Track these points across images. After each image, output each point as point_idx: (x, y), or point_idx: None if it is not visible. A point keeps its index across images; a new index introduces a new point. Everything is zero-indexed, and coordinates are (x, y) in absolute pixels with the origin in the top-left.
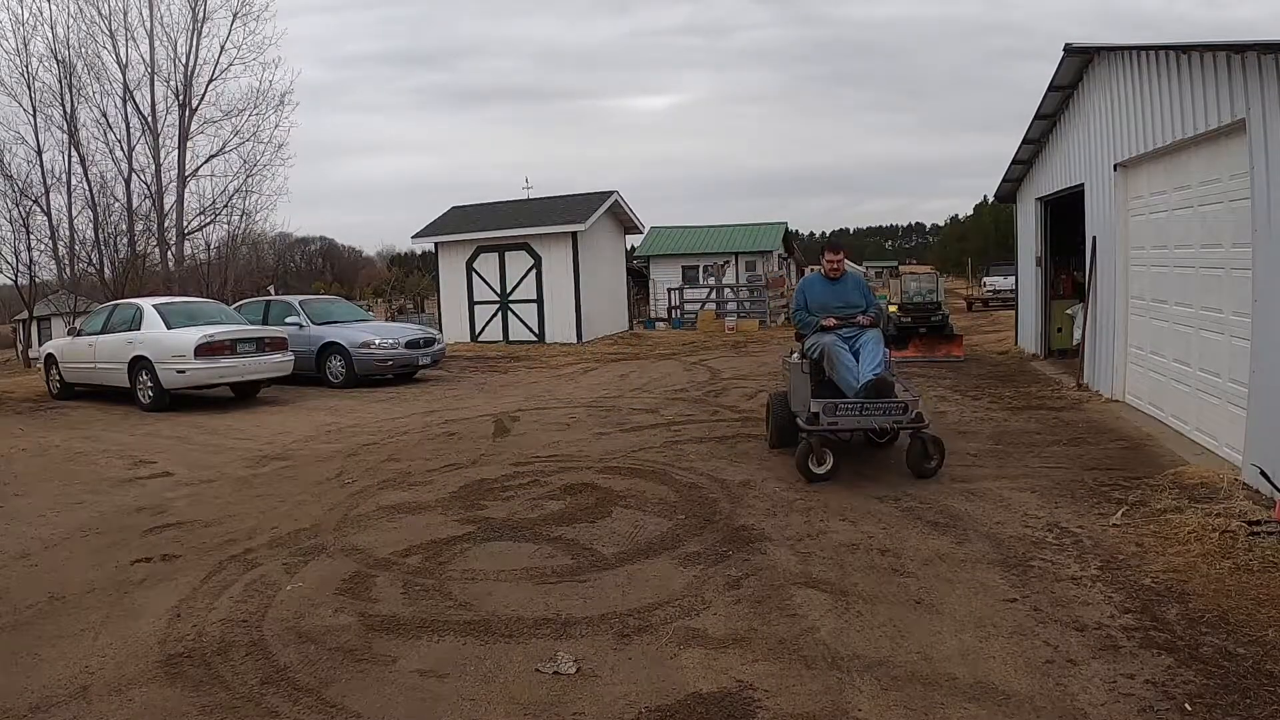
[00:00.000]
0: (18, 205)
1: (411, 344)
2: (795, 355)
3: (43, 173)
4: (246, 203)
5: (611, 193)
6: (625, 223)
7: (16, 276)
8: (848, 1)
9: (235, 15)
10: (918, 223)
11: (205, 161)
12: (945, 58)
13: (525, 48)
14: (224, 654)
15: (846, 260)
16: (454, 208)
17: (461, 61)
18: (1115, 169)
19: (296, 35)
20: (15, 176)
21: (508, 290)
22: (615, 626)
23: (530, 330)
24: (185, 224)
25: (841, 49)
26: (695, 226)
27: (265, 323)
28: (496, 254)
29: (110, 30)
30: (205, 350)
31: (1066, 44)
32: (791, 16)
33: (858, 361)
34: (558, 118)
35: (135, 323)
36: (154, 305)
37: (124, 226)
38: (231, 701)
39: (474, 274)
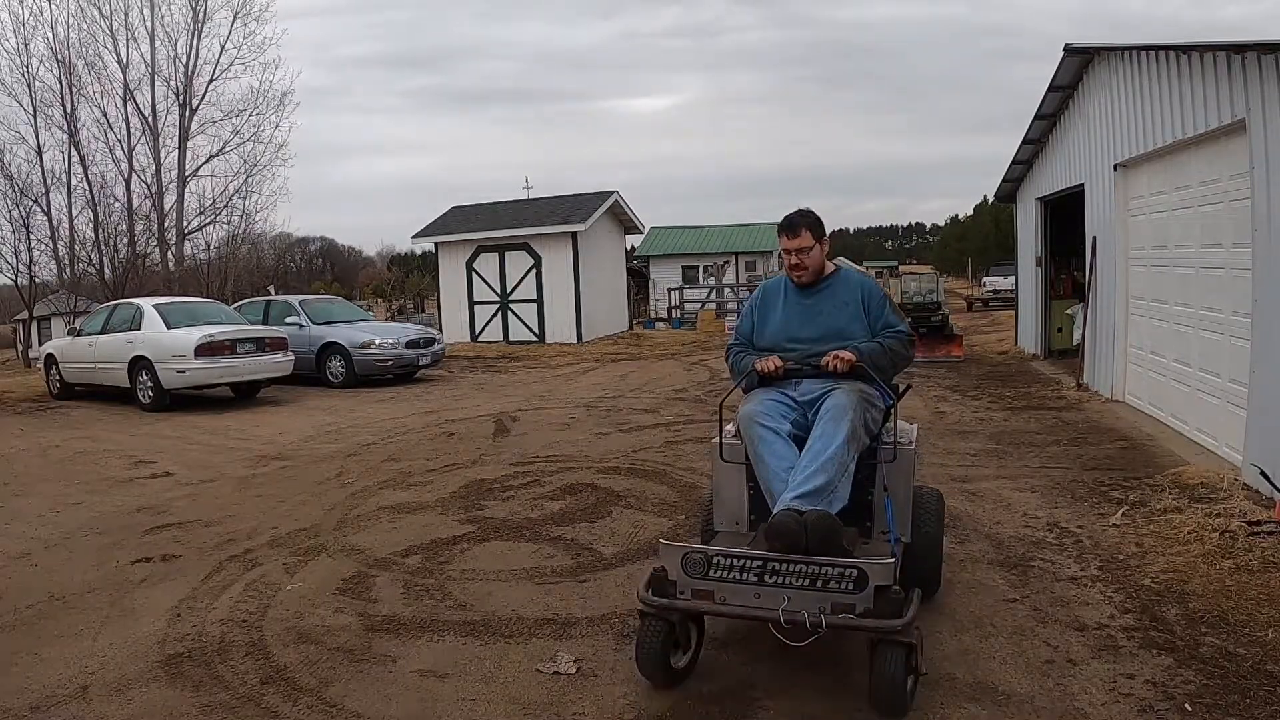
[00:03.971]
0: (18, 205)
1: (411, 344)
2: (732, 428)
3: (43, 173)
4: (246, 203)
5: (611, 193)
6: (625, 223)
7: (16, 276)
8: (834, 4)
9: (235, 15)
10: (917, 223)
11: (205, 162)
12: (937, 59)
13: (520, 50)
14: (224, 654)
15: (841, 259)
16: (454, 208)
17: (458, 64)
18: (1115, 169)
19: (296, 38)
20: (15, 176)
21: (508, 290)
22: (615, 626)
23: (530, 330)
24: (185, 224)
25: (831, 50)
26: (695, 226)
27: (265, 323)
28: (496, 254)
29: (111, 30)
30: (205, 350)
31: (1066, 44)
32: (777, 18)
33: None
34: (556, 118)
35: (135, 323)
36: (154, 305)
37: (124, 226)
38: (231, 701)
39: (474, 274)
